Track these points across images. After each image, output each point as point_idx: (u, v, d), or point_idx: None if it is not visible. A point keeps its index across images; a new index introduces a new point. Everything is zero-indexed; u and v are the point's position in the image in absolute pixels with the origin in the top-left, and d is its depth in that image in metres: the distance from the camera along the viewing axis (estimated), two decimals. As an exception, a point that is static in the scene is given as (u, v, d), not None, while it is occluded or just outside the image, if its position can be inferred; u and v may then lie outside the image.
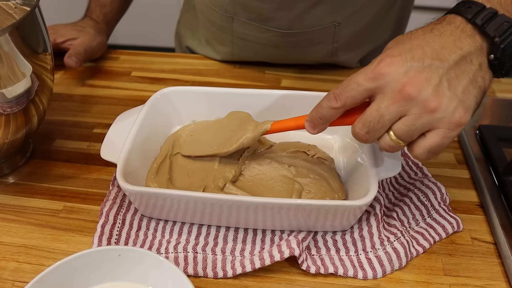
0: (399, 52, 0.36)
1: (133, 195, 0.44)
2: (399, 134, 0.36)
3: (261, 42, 0.69)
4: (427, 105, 0.34)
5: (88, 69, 0.73)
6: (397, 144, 0.37)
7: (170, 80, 0.70)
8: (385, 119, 0.35)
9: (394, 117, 0.35)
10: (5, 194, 0.51)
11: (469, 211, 0.49)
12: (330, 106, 0.38)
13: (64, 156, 0.56)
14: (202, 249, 0.44)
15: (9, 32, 0.43)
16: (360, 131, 0.37)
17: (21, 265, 0.44)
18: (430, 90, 0.34)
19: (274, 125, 0.46)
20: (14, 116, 0.47)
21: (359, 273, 0.42)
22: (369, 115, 0.36)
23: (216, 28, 0.71)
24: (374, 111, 0.36)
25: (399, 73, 0.35)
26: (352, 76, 0.37)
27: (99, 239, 0.45)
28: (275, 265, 0.43)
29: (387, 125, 0.36)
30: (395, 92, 0.34)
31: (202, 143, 0.51)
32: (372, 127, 0.36)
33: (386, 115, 0.35)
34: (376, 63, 0.36)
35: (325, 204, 0.42)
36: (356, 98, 0.37)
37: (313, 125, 0.40)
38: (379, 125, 0.36)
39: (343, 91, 0.37)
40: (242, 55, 0.72)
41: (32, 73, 0.47)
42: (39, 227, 0.47)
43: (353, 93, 0.37)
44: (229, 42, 0.71)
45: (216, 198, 0.42)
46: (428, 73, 0.34)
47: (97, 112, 0.63)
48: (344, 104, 0.37)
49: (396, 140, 0.36)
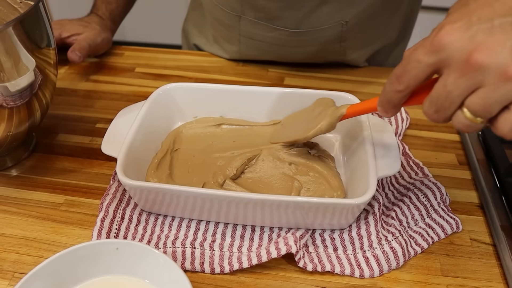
0: (462, 15, 0.30)
1: (133, 189, 0.44)
2: (474, 110, 0.31)
3: (268, 41, 0.69)
4: (504, 72, 0.29)
5: (92, 64, 0.73)
6: (473, 121, 0.31)
7: (173, 77, 0.70)
8: (454, 95, 0.31)
9: (464, 91, 0.30)
10: (8, 186, 0.52)
11: (469, 212, 0.49)
12: (394, 89, 0.34)
13: (67, 150, 0.57)
14: (200, 244, 0.44)
15: (13, 26, 0.43)
16: (429, 111, 0.33)
17: (21, 257, 0.44)
18: (506, 53, 0.28)
19: (350, 108, 0.44)
20: (17, 110, 0.48)
21: (356, 272, 0.42)
22: (436, 92, 0.32)
23: (223, 27, 0.71)
24: (441, 87, 0.31)
25: (464, 40, 0.30)
26: (411, 51, 0.33)
27: (99, 232, 0.45)
28: (272, 262, 0.43)
29: (457, 101, 0.31)
30: (462, 63, 0.30)
31: (289, 130, 0.51)
32: (441, 105, 0.32)
33: (454, 90, 0.31)
34: (436, 33, 0.31)
35: (323, 202, 0.42)
36: (420, 77, 0.33)
37: (384, 109, 0.37)
38: (448, 102, 0.31)
39: (404, 71, 0.33)
40: (249, 53, 0.72)
41: (36, 67, 0.48)
42: (40, 220, 0.48)
43: (415, 72, 0.32)
44: (236, 41, 0.71)
45: (215, 194, 0.42)
46: (501, 34, 0.29)
47: (100, 107, 0.64)
48: (408, 85, 0.33)
49: (471, 117, 0.31)
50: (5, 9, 0.54)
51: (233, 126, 0.56)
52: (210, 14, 0.73)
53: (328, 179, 0.49)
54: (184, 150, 0.53)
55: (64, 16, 0.79)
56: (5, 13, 0.54)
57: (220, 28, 0.72)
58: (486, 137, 0.56)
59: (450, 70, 0.31)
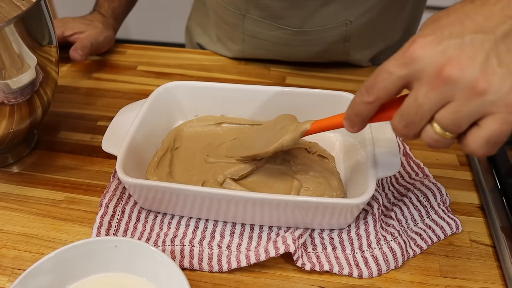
0: (434, 30, 0.31)
1: (132, 187, 0.44)
2: (445, 124, 0.30)
3: (272, 40, 0.69)
4: (474, 87, 0.29)
5: (94, 62, 0.73)
6: (443, 136, 0.31)
7: (175, 75, 0.70)
8: (424, 109, 0.31)
9: (434, 105, 0.30)
10: (9, 183, 0.52)
11: (469, 213, 0.49)
12: (363, 101, 0.34)
13: (68, 147, 0.57)
14: (198, 243, 0.44)
15: (14, 24, 0.43)
16: (398, 125, 0.33)
17: (21, 253, 0.44)
18: (476, 68, 0.29)
19: (314, 124, 0.43)
20: (19, 107, 0.48)
21: (354, 272, 0.42)
22: (406, 106, 0.32)
23: (227, 26, 0.71)
24: (411, 101, 0.31)
25: (435, 54, 0.30)
26: (383, 64, 0.32)
27: (98, 230, 0.45)
28: (270, 261, 0.43)
29: (427, 115, 0.31)
30: (433, 76, 0.30)
31: (247, 145, 0.50)
32: (411, 120, 0.32)
33: (425, 103, 0.30)
34: (408, 46, 0.31)
35: (322, 201, 0.42)
36: (390, 89, 0.32)
37: (351, 123, 0.36)
38: (418, 116, 0.31)
39: (374, 83, 0.33)
40: (253, 52, 0.72)
41: (37, 64, 0.48)
42: (40, 217, 0.48)
43: (385, 84, 0.32)
44: (240, 40, 0.71)
45: (214, 193, 0.42)
46: (471, 50, 0.29)
47: (102, 105, 0.64)
48: (377, 97, 0.33)
49: (441, 132, 0.31)
50: (7, 7, 0.55)
51: (233, 125, 0.56)
52: (214, 13, 0.73)
53: (327, 178, 0.49)
54: (185, 148, 0.53)
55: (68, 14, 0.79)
56: (7, 10, 0.55)
57: (224, 27, 0.72)
58: (487, 138, 0.56)
59: (421, 84, 0.30)
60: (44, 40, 0.49)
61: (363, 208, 0.47)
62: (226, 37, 0.73)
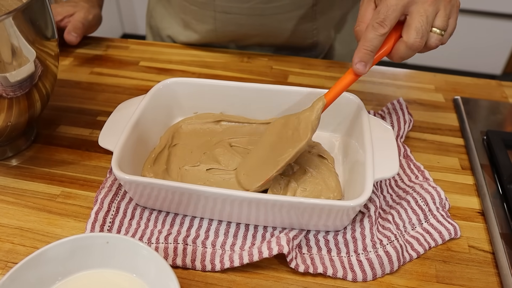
0: None
1: (128, 184, 0.44)
2: (442, 26, 0.43)
3: (245, 13, 0.69)
4: None
5: (97, 57, 0.73)
6: (441, 35, 0.43)
7: (177, 71, 0.70)
8: (430, 19, 0.42)
9: (433, 15, 0.42)
10: (7, 176, 0.52)
11: (469, 218, 0.48)
12: (380, 34, 0.42)
13: (67, 142, 0.57)
14: (192, 241, 0.44)
15: (13, 17, 0.43)
16: (417, 38, 0.42)
17: (15, 247, 0.44)
18: None
19: (327, 96, 0.46)
20: (17, 100, 0.48)
21: (349, 275, 0.42)
22: (418, 22, 0.42)
23: (197, 7, 0.71)
24: (420, 16, 0.42)
25: None
26: (384, 2, 0.42)
27: (92, 225, 0.45)
28: (264, 262, 0.43)
29: (431, 23, 0.42)
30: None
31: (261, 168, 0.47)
32: (424, 30, 0.42)
33: (430, 15, 0.42)
34: None
35: (317, 203, 0.41)
36: (397, 17, 0.42)
37: (365, 62, 0.43)
38: (428, 25, 0.42)
39: (387, 16, 0.42)
40: (226, 30, 0.72)
41: (36, 58, 0.48)
42: (36, 211, 0.48)
43: (396, 14, 0.42)
44: (211, 19, 0.71)
45: (210, 192, 0.42)
46: None
47: (102, 100, 0.64)
48: (390, 27, 0.42)
49: (440, 32, 0.43)
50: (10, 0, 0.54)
51: (232, 123, 0.56)
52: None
53: (325, 179, 0.48)
54: (182, 145, 0.53)
55: None
56: (9, 3, 0.54)
57: (193, 9, 0.71)
58: (490, 142, 0.55)
59: (418, 3, 0.42)
60: (44, 34, 0.49)
61: (360, 211, 0.46)
62: (196, 20, 0.72)
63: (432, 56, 2.08)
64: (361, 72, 0.44)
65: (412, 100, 0.65)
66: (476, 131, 0.58)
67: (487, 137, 0.56)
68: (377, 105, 0.64)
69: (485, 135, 0.57)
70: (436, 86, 0.69)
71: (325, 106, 0.46)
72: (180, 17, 0.75)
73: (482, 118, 0.61)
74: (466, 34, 1.98)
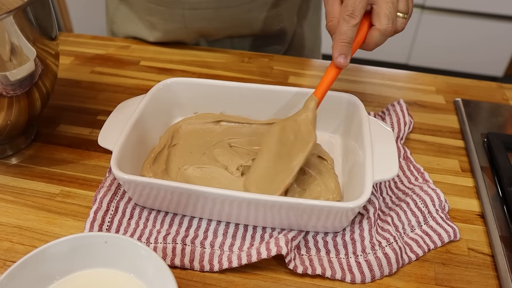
0: None
1: (127, 183, 0.44)
2: (405, 10, 0.46)
3: (214, 6, 0.69)
4: None
5: (98, 56, 0.73)
6: (405, 19, 0.46)
7: (177, 71, 0.70)
8: (395, 5, 0.45)
9: (396, 1, 0.45)
10: (6, 175, 0.52)
11: (469, 221, 0.48)
12: (352, 25, 0.44)
13: (66, 141, 0.57)
14: (191, 241, 0.44)
15: (14, 15, 0.43)
16: (388, 25, 0.45)
17: (14, 245, 0.44)
18: None
19: (317, 94, 0.47)
20: (17, 99, 0.48)
21: (347, 277, 0.42)
22: (387, 9, 0.45)
23: (164, 6, 0.71)
24: (386, 4, 0.44)
25: None
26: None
27: (91, 225, 0.45)
28: (262, 263, 0.43)
29: (396, 9, 0.45)
30: None
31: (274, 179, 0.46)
32: (393, 15, 0.45)
33: (394, 1, 0.45)
34: None
35: (316, 204, 0.41)
36: (364, 8, 0.45)
37: (345, 54, 0.45)
38: (395, 11, 0.45)
39: (355, 8, 0.44)
40: (196, 26, 0.72)
41: (36, 57, 0.48)
42: (35, 209, 0.48)
43: (362, 4, 0.44)
44: (180, 16, 0.71)
45: (209, 192, 0.42)
46: None
47: (103, 99, 0.64)
48: (360, 17, 0.45)
49: (403, 16, 0.46)
50: (11, -2, 0.54)
51: (232, 123, 0.55)
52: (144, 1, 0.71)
53: (325, 180, 0.48)
54: (182, 145, 0.53)
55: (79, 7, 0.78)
56: (10, 1, 0.54)
57: (160, 9, 0.71)
58: (491, 144, 0.55)
59: None
60: (45, 33, 0.49)
61: (359, 212, 0.46)
62: (164, 20, 0.72)
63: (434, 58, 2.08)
64: (343, 64, 0.45)
65: (413, 101, 0.65)
66: (476, 133, 0.58)
67: (488, 139, 0.56)
68: (377, 106, 0.63)
69: (486, 137, 0.57)
70: (437, 88, 0.69)
71: (317, 104, 0.47)
72: (146, 19, 0.74)
73: (483, 120, 0.61)
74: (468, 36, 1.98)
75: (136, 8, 0.75)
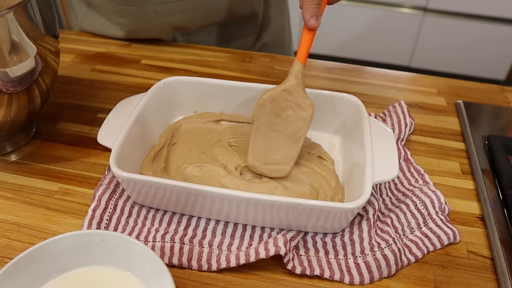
0: None
1: (125, 181, 0.44)
2: None
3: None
4: None
5: (99, 54, 0.73)
6: None
7: (178, 70, 0.70)
8: None
9: None
10: (5, 172, 0.52)
11: (469, 223, 0.48)
12: None
13: (66, 138, 0.57)
14: (189, 240, 0.44)
15: (14, 12, 0.43)
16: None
17: (12, 242, 0.44)
18: None
19: (299, 57, 0.48)
20: (17, 96, 0.48)
21: (346, 278, 0.41)
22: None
23: (136, 6, 0.70)
24: None
25: None
26: None
27: (89, 222, 0.45)
28: (261, 263, 0.42)
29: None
30: None
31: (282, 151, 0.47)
32: None
33: None
34: None
35: (316, 204, 0.41)
36: None
37: (316, 16, 0.46)
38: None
39: None
40: (170, 20, 0.72)
41: (37, 54, 0.48)
42: (34, 207, 0.48)
43: None
44: (154, 13, 0.71)
45: (208, 191, 0.42)
46: None
47: (103, 97, 0.64)
48: None
49: None
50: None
51: (232, 123, 0.55)
52: (115, 2, 0.71)
53: (325, 181, 0.48)
54: (182, 144, 0.53)
55: None
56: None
57: (132, 9, 0.71)
58: (492, 146, 0.55)
59: None
60: (46, 30, 0.49)
61: (359, 213, 0.46)
62: (138, 19, 0.72)
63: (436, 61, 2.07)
64: (315, 26, 0.46)
65: (414, 103, 0.65)
66: (477, 136, 0.58)
67: (489, 142, 0.56)
68: (378, 107, 0.63)
69: (487, 139, 0.57)
70: (438, 90, 0.68)
71: None
72: (118, 22, 0.73)
73: (484, 123, 0.61)
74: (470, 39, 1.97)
75: (105, 13, 0.74)
